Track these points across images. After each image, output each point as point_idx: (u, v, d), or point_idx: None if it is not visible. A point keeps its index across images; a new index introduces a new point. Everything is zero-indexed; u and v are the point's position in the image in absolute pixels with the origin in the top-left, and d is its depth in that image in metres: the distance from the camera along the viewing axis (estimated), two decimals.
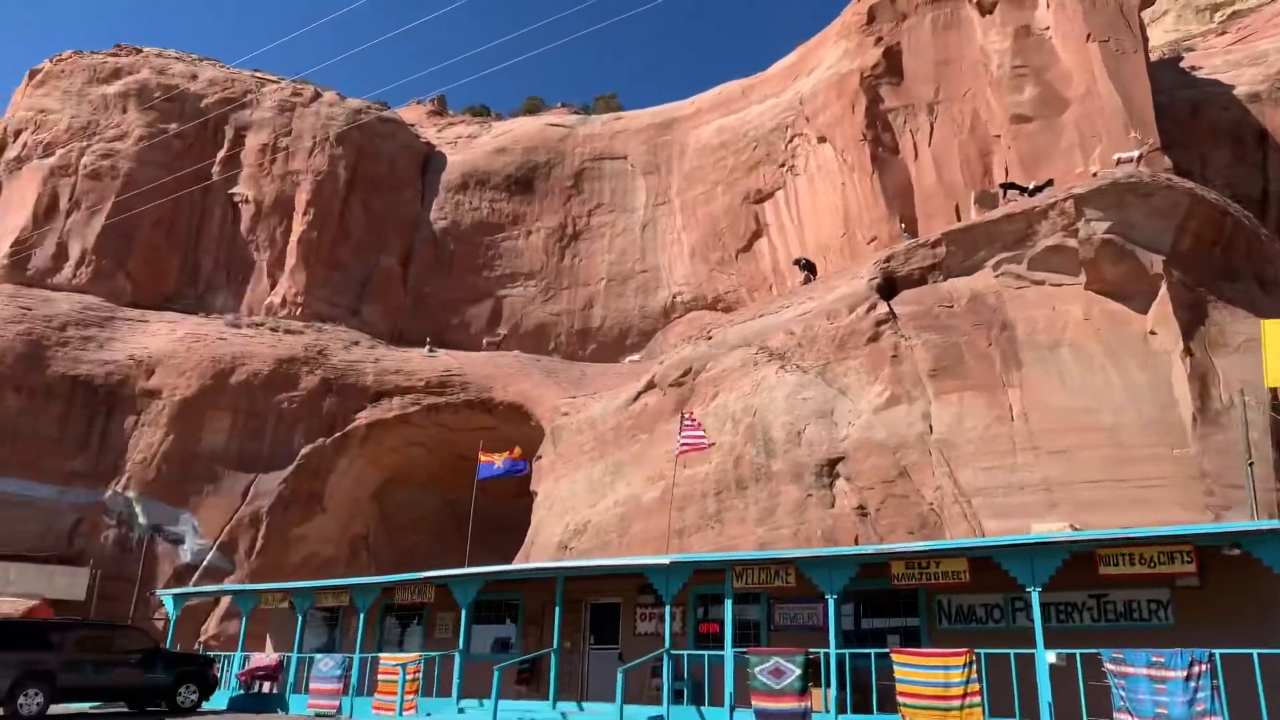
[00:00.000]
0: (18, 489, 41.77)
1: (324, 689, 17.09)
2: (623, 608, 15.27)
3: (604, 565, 14.27)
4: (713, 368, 33.50)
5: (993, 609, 12.60)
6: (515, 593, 16.53)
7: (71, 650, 17.31)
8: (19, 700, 16.16)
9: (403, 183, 57.25)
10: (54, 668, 16.81)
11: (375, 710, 16.04)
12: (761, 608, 13.80)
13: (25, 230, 50.03)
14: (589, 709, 13.31)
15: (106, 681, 17.92)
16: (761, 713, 11.55)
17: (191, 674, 18.86)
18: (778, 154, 49.26)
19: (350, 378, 47.03)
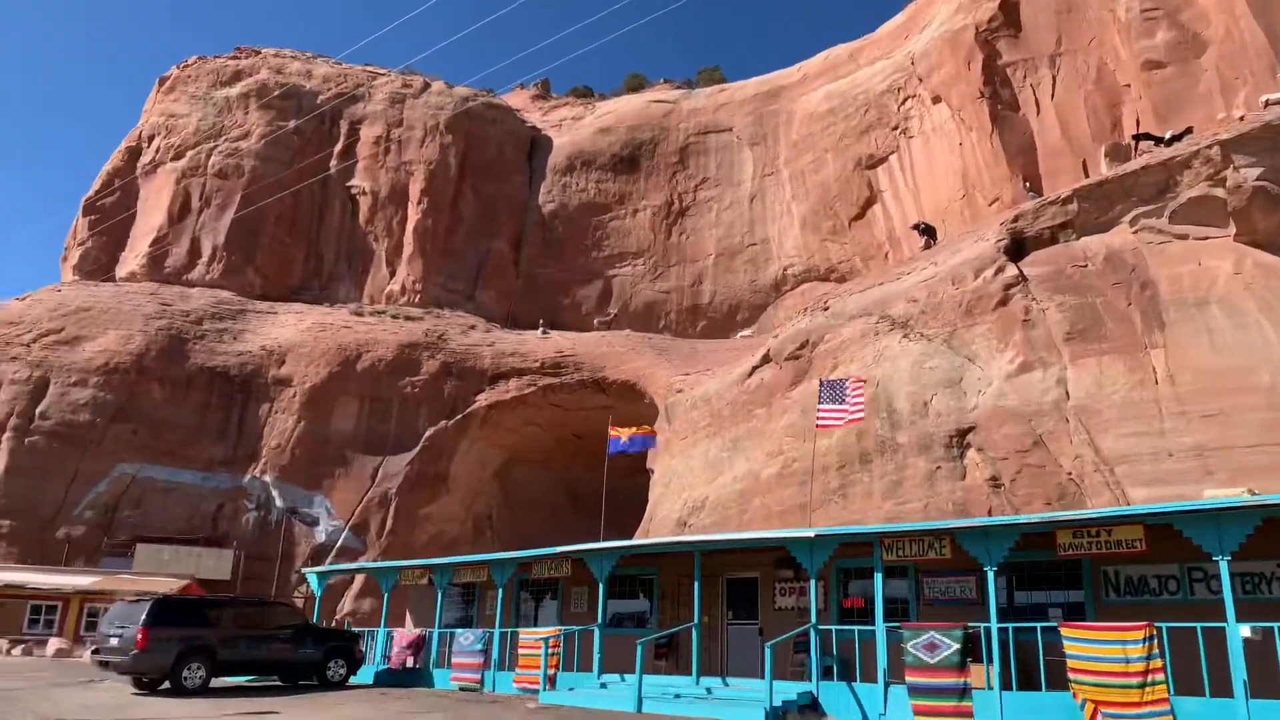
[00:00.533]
0: (166, 476, 44.24)
1: (466, 663, 17.33)
2: (761, 582, 14.95)
3: (743, 539, 14.01)
4: (831, 339, 32.75)
5: (1167, 580, 11.79)
6: (649, 567, 16.43)
7: (228, 626, 17.83)
8: (183, 674, 16.77)
9: (511, 168, 57.96)
10: (213, 643, 17.37)
11: (516, 684, 16.17)
12: (909, 581, 13.31)
13: (162, 229, 52.73)
14: (734, 684, 13.09)
15: (261, 656, 18.40)
16: (917, 688, 11.13)
17: (339, 649, 19.22)
18: (890, 117, 47.77)
19: (469, 361, 48.02)
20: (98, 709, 13.40)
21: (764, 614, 14.75)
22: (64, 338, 46.08)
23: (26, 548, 40.50)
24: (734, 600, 15.15)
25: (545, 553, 16.71)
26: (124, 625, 16.98)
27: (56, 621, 33.58)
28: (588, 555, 15.29)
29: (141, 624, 16.41)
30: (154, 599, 17.54)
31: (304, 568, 43.25)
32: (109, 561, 41.46)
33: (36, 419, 43.10)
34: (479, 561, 17.72)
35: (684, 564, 15.62)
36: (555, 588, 18.24)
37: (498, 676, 16.58)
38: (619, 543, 15.47)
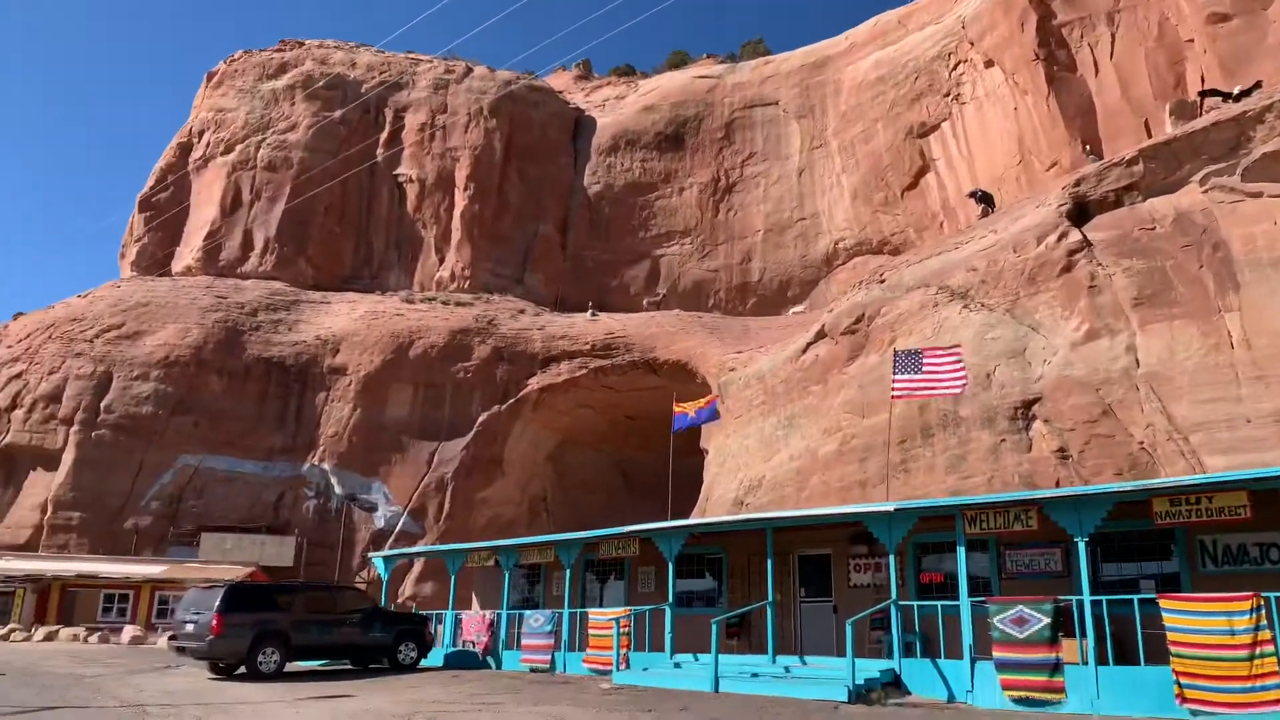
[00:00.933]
0: (228, 466, 45.04)
1: (536, 644, 17.28)
2: (834, 559, 14.60)
3: (818, 515, 13.67)
4: (888, 312, 32.11)
5: (1269, 548, 11.24)
6: (716, 546, 16.18)
7: (300, 610, 17.85)
8: (258, 658, 16.84)
9: (555, 150, 57.79)
10: (286, 627, 17.40)
11: (586, 664, 16.07)
12: (990, 555, 12.88)
13: (215, 223, 53.51)
14: (812, 662, 12.79)
15: (333, 640, 18.37)
16: (1006, 663, 10.75)
17: (410, 632, 19.11)
18: (941, 83, 46.66)
19: (519, 345, 48.11)
20: (178, 694, 13.56)
21: (837, 591, 14.40)
22: (125, 333, 47.02)
23: (97, 539, 41.54)
24: (805, 577, 14.82)
25: (612, 532, 16.52)
26: (199, 611, 17.09)
27: (129, 609, 34.39)
28: (656, 534, 15.06)
29: (216, 610, 16.52)
30: (227, 585, 17.70)
31: (365, 553, 43.86)
32: (175, 551, 42.39)
33: (101, 413, 44.10)
34: (545, 542, 17.60)
35: (753, 542, 15.34)
36: (621, 568, 18.06)
37: (568, 657, 16.46)
38: (688, 521, 15.22)
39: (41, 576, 34.05)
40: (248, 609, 17.07)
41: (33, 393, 45.16)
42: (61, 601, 34.04)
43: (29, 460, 44.18)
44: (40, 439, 43.99)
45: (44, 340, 47.29)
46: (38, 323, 48.87)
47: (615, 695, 12.30)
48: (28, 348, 47.28)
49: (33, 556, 38.16)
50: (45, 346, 46.84)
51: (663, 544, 14.80)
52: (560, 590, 18.45)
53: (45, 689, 14.01)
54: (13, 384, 45.88)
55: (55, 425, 44.12)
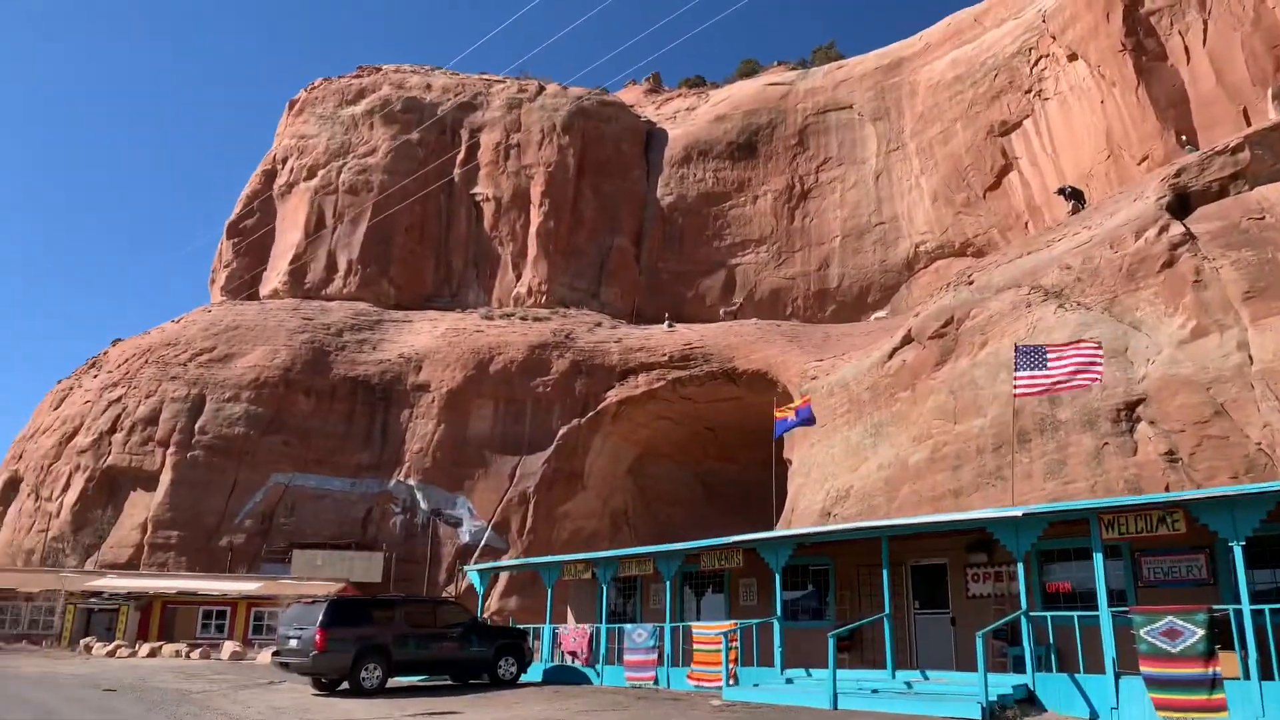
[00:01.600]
0: (317, 483, 45.93)
1: (638, 659, 16.88)
2: (950, 568, 13.95)
3: (936, 522, 13.11)
4: (978, 314, 31.22)
5: None
6: (822, 557, 15.64)
7: (400, 625, 17.66)
8: (361, 674, 16.70)
9: (628, 163, 57.93)
10: (388, 642, 17.22)
11: (691, 680, 15.49)
12: (1125, 562, 12.14)
13: (299, 247, 54.85)
14: (934, 677, 12.20)
15: (433, 655, 18.14)
16: (1156, 679, 10.03)
17: (509, 646, 18.80)
18: (1022, 79, 45.45)
19: (597, 358, 48.16)
20: (284, 711, 13.60)
21: (955, 602, 13.76)
22: (216, 356, 48.39)
23: (194, 556, 42.71)
24: (918, 588, 14.24)
25: (715, 543, 16.11)
26: (302, 627, 17.07)
27: (226, 625, 35.17)
28: (761, 545, 14.63)
29: (319, 625, 16.47)
30: (329, 600, 17.64)
31: (453, 567, 44.24)
32: (267, 567, 43.31)
33: (196, 434, 45.39)
34: (644, 554, 17.23)
35: (861, 552, 14.82)
36: (719, 580, 17.64)
37: (671, 673, 16.04)
38: (796, 530, 14.73)
39: (144, 594, 35.07)
40: (350, 624, 16.97)
41: (131, 416, 46.73)
42: (163, 618, 35.00)
43: (129, 481, 45.68)
44: (139, 460, 45.46)
45: (141, 365, 48.95)
46: (135, 348, 50.61)
47: (729, 713, 11.94)
48: (126, 372, 48.99)
49: (135, 574, 39.35)
50: (142, 371, 48.46)
51: (769, 555, 14.35)
52: (658, 603, 18.08)
53: (155, 705, 14.24)
54: (113, 408, 47.55)
55: (153, 447, 45.56)
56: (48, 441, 48.23)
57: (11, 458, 49.79)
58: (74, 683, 18.36)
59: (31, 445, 49.19)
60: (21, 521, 46.65)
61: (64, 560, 42.41)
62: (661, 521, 50.60)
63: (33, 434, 50.03)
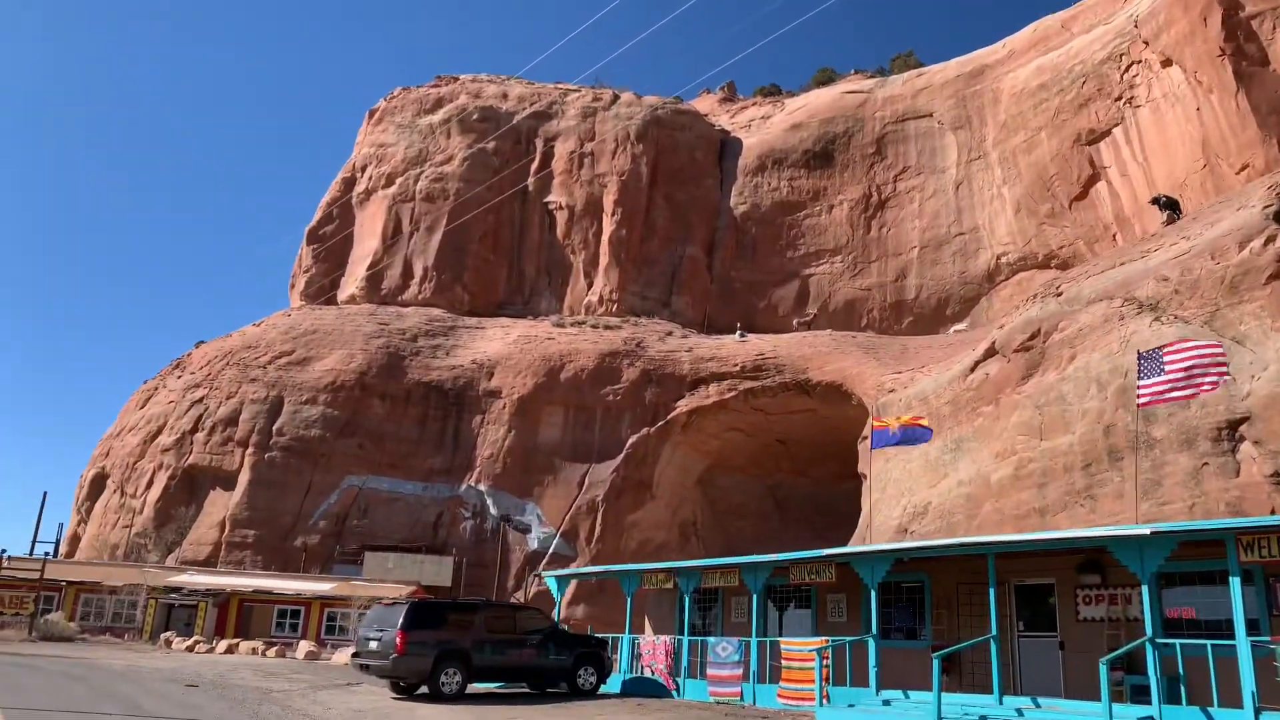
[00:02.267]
0: (390, 487, 46.45)
1: (723, 675, 16.23)
2: (1058, 589, 13.14)
3: (1049, 539, 12.28)
4: (1066, 327, 30.09)
5: None
6: (918, 573, 14.93)
7: (480, 630, 17.25)
8: (440, 679, 16.29)
9: (701, 172, 57.63)
10: (467, 647, 16.83)
11: (782, 699, 14.81)
12: (1258, 588, 11.26)
13: (377, 254, 55.76)
14: (1047, 705, 11.40)
15: (512, 662, 17.70)
16: None
17: (589, 655, 18.36)
18: (1111, 86, 43.92)
19: (668, 367, 47.84)
20: (367, 714, 13.48)
21: (1063, 626, 12.95)
22: (295, 359, 49.37)
23: (269, 556, 43.52)
24: (1021, 609, 13.46)
25: (806, 556, 15.47)
26: (382, 629, 16.80)
27: (300, 625, 35.64)
28: (856, 559, 13.98)
29: (399, 627, 16.20)
30: (409, 602, 17.36)
31: (521, 574, 44.26)
32: (339, 568, 43.90)
33: (274, 435, 46.31)
34: (729, 565, 16.67)
35: (960, 569, 14.13)
36: (804, 595, 17.02)
37: (758, 689, 15.45)
38: (895, 545, 14.02)
39: (221, 591, 35.74)
40: (430, 627, 16.65)
41: (212, 416, 47.91)
42: (239, 615, 35.63)
43: (209, 480, 46.80)
44: (219, 460, 46.54)
45: (222, 367, 50.19)
46: (217, 350, 51.94)
47: None
48: (208, 374, 50.28)
49: (213, 572, 40.20)
50: (224, 373, 49.68)
51: (864, 569, 13.68)
52: (740, 616, 17.55)
53: (238, 703, 14.28)
54: (195, 408, 48.81)
55: (232, 447, 46.61)
56: (133, 440, 49.73)
57: (99, 455, 51.45)
58: (157, 677, 18.62)
59: (118, 443, 50.77)
60: (108, 517, 48.15)
61: (146, 556, 43.60)
62: (731, 534, 49.96)
63: (119, 432, 51.65)
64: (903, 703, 12.34)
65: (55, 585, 35.02)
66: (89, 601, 35.75)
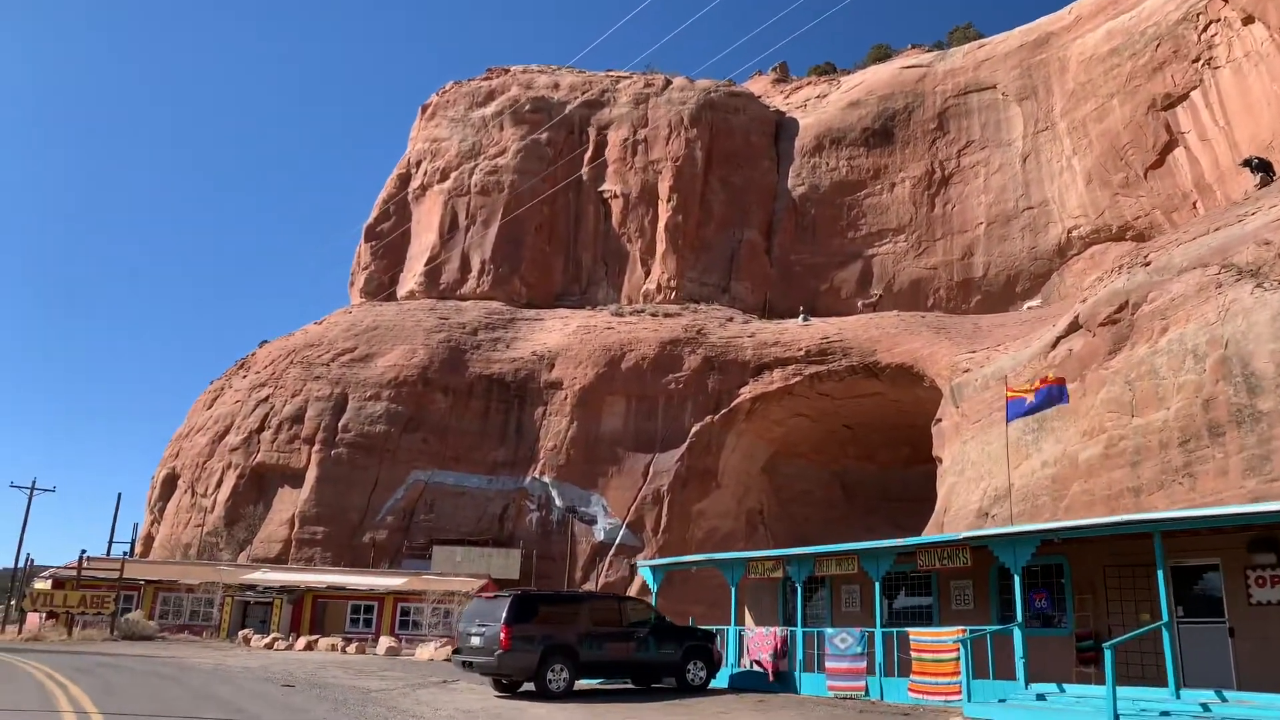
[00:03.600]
0: (455, 480, 46.37)
1: (844, 668, 15.24)
2: (1224, 571, 12.05)
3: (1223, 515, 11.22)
4: (1157, 297, 28.76)
5: None
6: (1056, 556, 13.77)
7: (585, 623, 16.42)
8: (548, 676, 15.49)
9: (757, 154, 56.65)
10: (573, 642, 15.97)
11: (914, 693, 13.83)
12: None
13: (434, 248, 55.72)
14: (1237, 700, 10.29)
15: (619, 656, 16.69)
16: None
17: (697, 649, 17.31)
18: (1188, 48, 42.09)
19: (730, 354, 47.07)
20: (477, 715, 12.94)
21: (1233, 610, 11.86)
22: (357, 356, 49.52)
23: (338, 552, 43.73)
24: (1181, 593, 12.40)
25: (938, 540, 14.37)
26: (484, 623, 15.99)
27: (374, 620, 35.63)
28: (995, 541, 12.94)
29: (503, 622, 15.38)
30: (512, 595, 16.32)
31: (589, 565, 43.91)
32: (408, 563, 43.95)
33: (339, 432, 46.48)
34: (847, 551, 15.72)
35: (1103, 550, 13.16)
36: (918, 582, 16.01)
37: (884, 683, 14.47)
38: (1042, 526, 12.93)
39: (295, 587, 35.86)
40: (534, 621, 15.83)
41: (278, 415, 48.25)
42: (313, 611, 35.73)
43: (277, 478, 47.16)
44: (286, 458, 46.86)
45: (287, 365, 50.53)
46: (280, 349, 52.32)
47: None
48: (273, 373, 50.66)
49: (286, 568, 40.43)
50: (288, 371, 50.01)
51: (1004, 552, 12.61)
52: (852, 606, 16.66)
53: (340, 704, 13.89)
54: (261, 407, 49.22)
55: (299, 445, 46.89)
56: (202, 440, 50.33)
57: (169, 455, 52.18)
58: (248, 677, 18.40)
59: (187, 444, 51.43)
60: (180, 516, 48.81)
61: (218, 554, 44.08)
62: (798, 522, 49.09)
63: (188, 432, 52.32)
64: (1060, 697, 11.38)
65: (134, 585, 35.43)
66: (166, 600, 36.13)
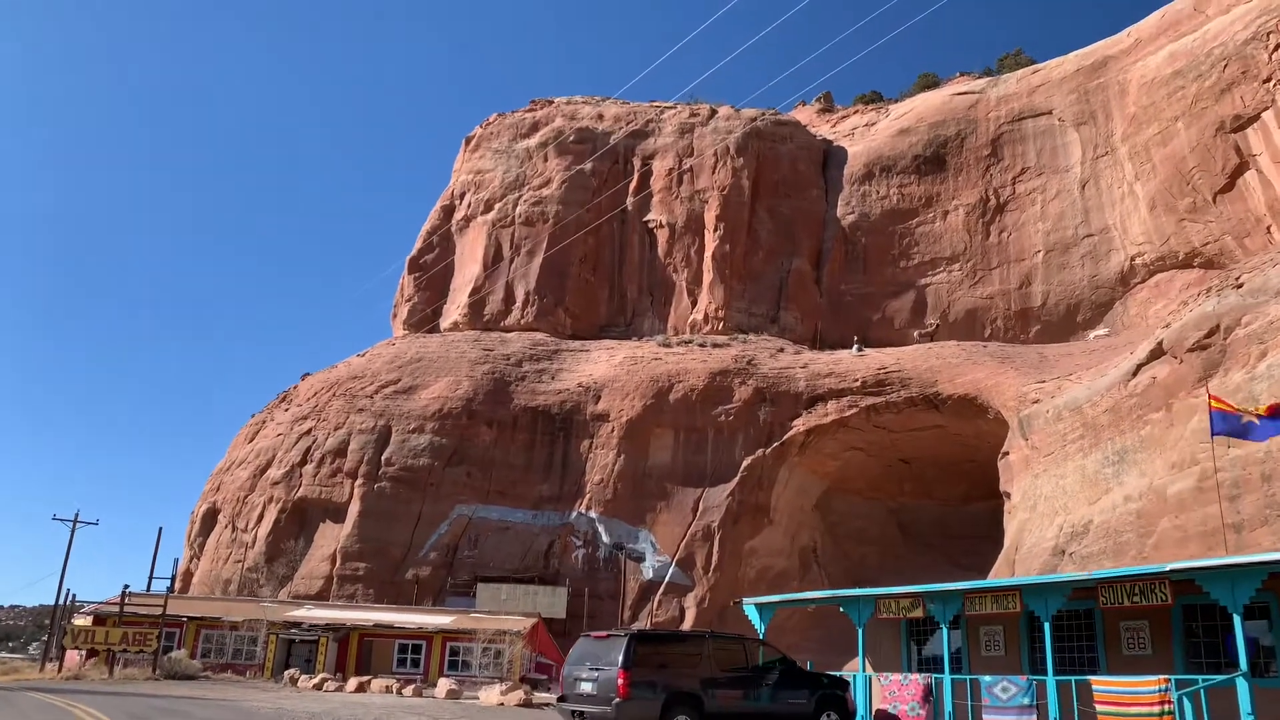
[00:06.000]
0: (499, 515, 45.17)
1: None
2: None
3: None
4: (1252, 321, 27.26)
5: None
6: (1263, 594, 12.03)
7: (710, 666, 14.77)
8: None
9: (805, 183, 55.70)
10: (697, 689, 14.36)
11: None
12: None
13: (478, 280, 55.05)
14: None
15: (747, 707, 14.98)
16: None
17: (831, 698, 15.69)
18: (1258, 68, 40.73)
19: (781, 385, 45.75)
20: None
21: None
22: (401, 388, 48.68)
23: (380, 589, 42.54)
24: None
25: (1132, 572, 12.56)
26: (595, 667, 14.38)
27: (422, 660, 34.34)
28: (1206, 575, 11.20)
29: (620, 665, 13.75)
30: (629, 634, 14.62)
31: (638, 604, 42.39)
32: (452, 601, 42.64)
33: (382, 465, 45.52)
34: (1006, 587, 13.94)
35: None
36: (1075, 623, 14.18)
37: None
38: (1268, 556, 11.12)
39: (341, 625, 34.70)
40: (654, 664, 14.18)
41: (321, 448, 47.38)
42: (360, 650, 34.51)
43: (319, 513, 46.17)
44: (328, 492, 45.91)
45: (329, 398, 49.79)
46: (323, 382, 51.63)
47: None
48: (315, 406, 49.92)
49: (330, 606, 39.32)
50: (330, 404, 49.24)
51: (1217, 587, 10.98)
52: (995, 649, 15.11)
53: None
54: (303, 440, 48.41)
55: (341, 479, 45.94)
56: (243, 474, 49.54)
57: (210, 489, 51.43)
58: None
59: (228, 478, 50.68)
60: (220, 552, 47.89)
61: (259, 590, 43.01)
62: (853, 561, 47.35)
63: (229, 466, 51.60)
64: None
65: (177, 621, 34.42)
66: (209, 638, 35.08)
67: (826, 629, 35.75)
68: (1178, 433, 28.30)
